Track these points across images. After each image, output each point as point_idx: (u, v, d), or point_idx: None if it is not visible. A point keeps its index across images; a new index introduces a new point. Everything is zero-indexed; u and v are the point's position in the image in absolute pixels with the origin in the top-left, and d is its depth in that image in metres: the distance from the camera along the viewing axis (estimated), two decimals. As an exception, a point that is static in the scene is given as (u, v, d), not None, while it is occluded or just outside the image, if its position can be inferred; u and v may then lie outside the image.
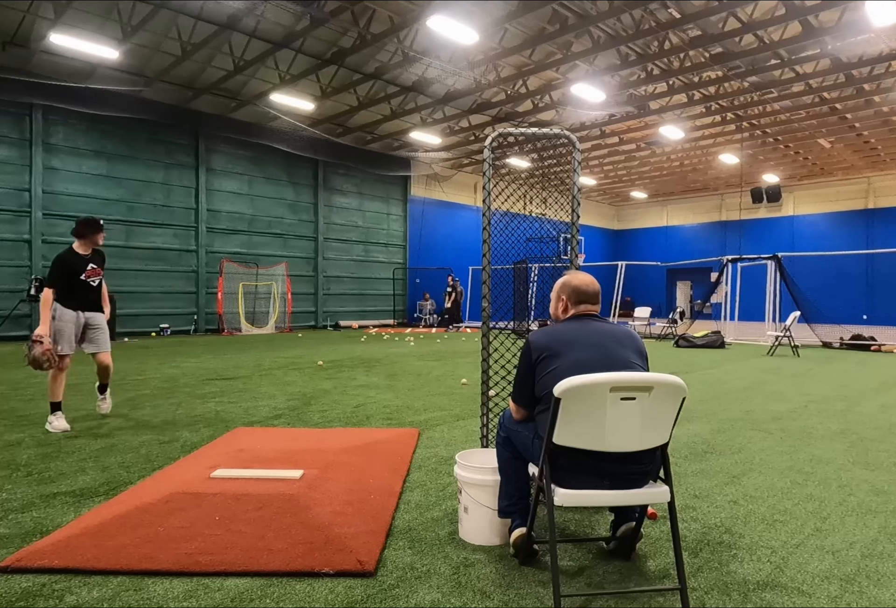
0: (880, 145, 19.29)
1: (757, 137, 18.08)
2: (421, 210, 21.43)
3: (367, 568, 2.27)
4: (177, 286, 15.47)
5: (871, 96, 14.41)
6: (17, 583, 2.17)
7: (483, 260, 3.62)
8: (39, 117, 13.16)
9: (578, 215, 3.61)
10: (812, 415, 5.47)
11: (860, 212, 23.33)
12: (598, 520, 2.88)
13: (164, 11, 11.23)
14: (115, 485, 3.27)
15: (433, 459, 3.85)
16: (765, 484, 3.43)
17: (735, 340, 14.59)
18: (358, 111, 15.96)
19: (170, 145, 15.35)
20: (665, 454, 2.17)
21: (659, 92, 14.53)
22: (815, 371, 8.92)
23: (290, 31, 12.13)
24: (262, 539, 2.51)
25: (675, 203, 28.86)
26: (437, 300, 20.80)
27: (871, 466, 3.80)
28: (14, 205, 12.96)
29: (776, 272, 14.50)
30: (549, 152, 5.30)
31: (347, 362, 9.23)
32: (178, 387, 6.66)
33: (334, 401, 5.86)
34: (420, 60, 12.94)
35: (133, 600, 2.06)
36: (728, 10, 10.50)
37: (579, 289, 2.43)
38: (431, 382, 7.23)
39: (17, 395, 6.03)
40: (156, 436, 4.39)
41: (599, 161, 21.24)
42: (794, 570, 2.34)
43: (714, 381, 7.68)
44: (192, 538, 2.50)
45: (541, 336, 2.33)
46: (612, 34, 11.61)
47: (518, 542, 2.38)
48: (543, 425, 2.14)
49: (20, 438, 4.28)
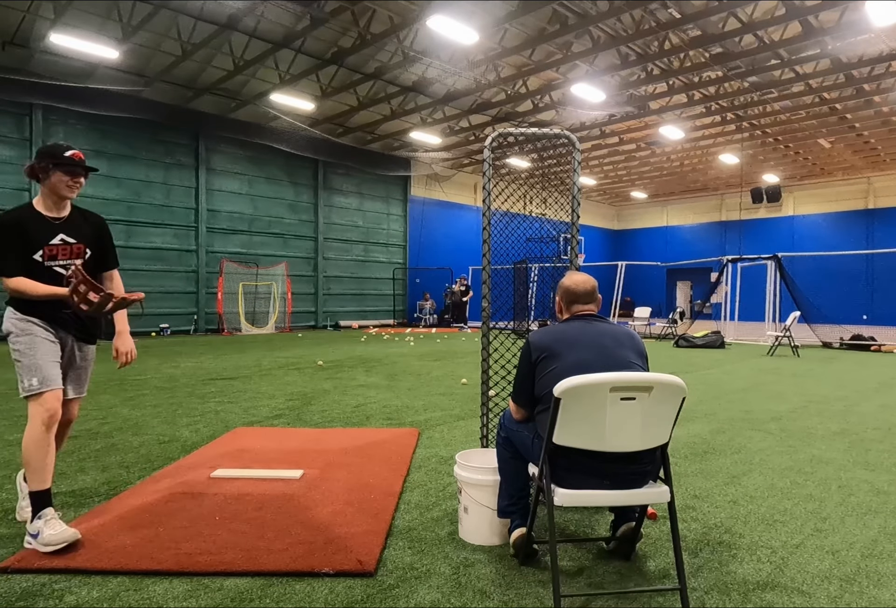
0: (880, 145, 19.29)
1: (757, 137, 18.08)
2: (421, 210, 21.43)
3: (367, 568, 2.27)
4: (177, 286, 15.47)
5: (871, 96, 14.41)
6: (17, 583, 2.17)
7: (483, 260, 3.62)
8: (39, 117, 13.16)
9: (578, 215, 3.61)
10: (812, 415, 5.47)
11: (860, 212, 23.33)
12: (598, 520, 2.88)
13: (164, 11, 11.23)
14: (115, 485, 3.27)
15: (433, 459, 3.85)
16: (765, 484, 3.43)
17: (735, 340, 14.59)
18: (358, 111, 15.97)
19: (170, 145, 15.35)
20: (665, 454, 2.17)
21: (659, 92, 14.53)
22: (815, 371, 8.92)
23: (290, 31, 12.13)
24: (262, 539, 2.51)
25: (675, 203, 28.86)
26: (438, 300, 20.80)
27: (871, 466, 3.80)
28: (14, 205, 12.92)
29: (776, 272, 14.50)
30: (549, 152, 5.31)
31: (347, 362, 9.23)
32: (177, 387, 6.66)
33: (334, 401, 5.86)
34: (420, 60, 12.94)
35: (133, 600, 2.06)
36: (728, 10, 10.50)
37: (570, 289, 2.45)
38: (431, 382, 7.23)
39: (16, 395, 6.02)
40: (156, 436, 4.39)
41: (599, 161, 21.25)
42: (794, 570, 2.34)
43: (714, 381, 7.67)
44: (192, 538, 2.50)
45: (541, 336, 2.34)
46: (612, 34, 11.61)
47: (518, 542, 2.38)
48: (543, 425, 2.14)
49: (20, 438, 4.27)
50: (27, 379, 2.53)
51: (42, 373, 2.54)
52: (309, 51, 12.99)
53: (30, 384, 2.52)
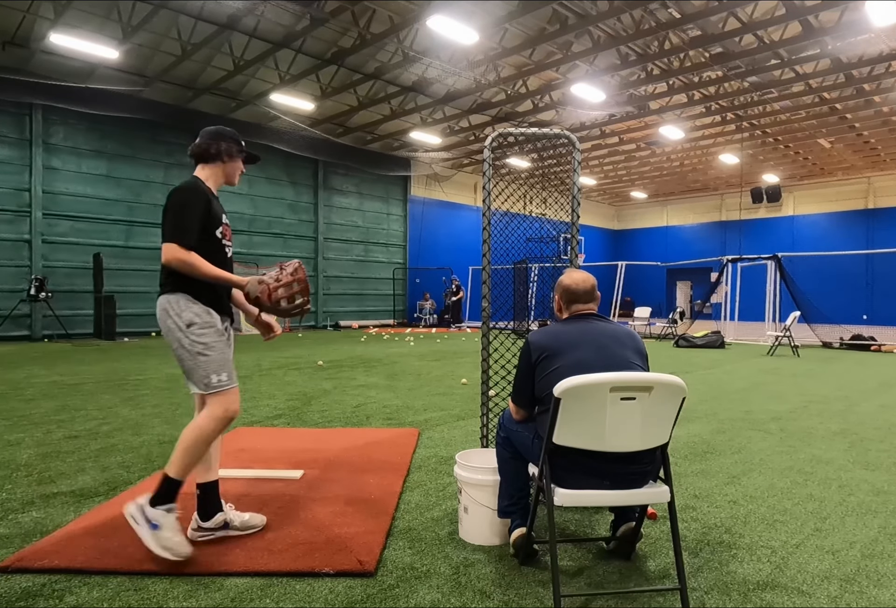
0: (880, 145, 19.29)
1: (757, 137, 18.08)
2: (421, 210, 21.43)
3: (367, 568, 2.27)
4: (177, 286, 15.45)
5: (871, 96, 14.40)
6: (17, 583, 2.17)
7: (483, 260, 3.62)
8: (39, 117, 13.15)
9: (578, 215, 3.61)
10: (812, 415, 5.47)
11: (860, 212, 23.33)
12: (598, 520, 2.88)
13: (164, 11, 11.22)
14: (115, 485, 3.27)
15: (433, 459, 3.85)
16: (765, 484, 3.43)
17: (735, 340, 14.59)
18: (358, 111, 15.96)
19: (170, 145, 15.34)
20: (665, 454, 2.17)
21: (659, 92, 14.52)
22: (815, 371, 8.92)
23: (290, 31, 12.13)
24: (262, 539, 2.52)
25: (675, 203, 28.86)
26: (438, 300, 20.80)
27: (871, 466, 3.80)
28: (14, 205, 12.95)
29: (776, 272, 14.50)
30: (549, 152, 5.31)
31: (347, 362, 9.23)
32: (178, 387, 6.66)
33: (334, 401, 5.86)
34: (420, 60, 12.94)
35: (133, 600, 2.06)
36: (728, 10, 10.49)
37: (569, 288, 2.42)
38: (431, 382, 7.23)
39: (16, 395, 6.03)
40: (156, 436, 4.39)
41: (599, 161, 21.24)
42: (794, 570, 2.34)
43: (714, 381, 7.67)
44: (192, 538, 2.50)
45: (541, 336, 2.33)
46: (612, 34, 11.60)
47: (518, 542, 2.38)
48: (543, 425, 2.14)
49: (20, 438, 4.28)
50: (216, 374, 2.43)
51: (229, 368, 2.49)
52: (309, 51, 12.99)
53: (219, 379, 2.44)
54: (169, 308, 2.43)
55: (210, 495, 2.52)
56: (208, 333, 2.45)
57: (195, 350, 2.42)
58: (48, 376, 7.35)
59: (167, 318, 2.44)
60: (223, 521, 2.50)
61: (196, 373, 2.42)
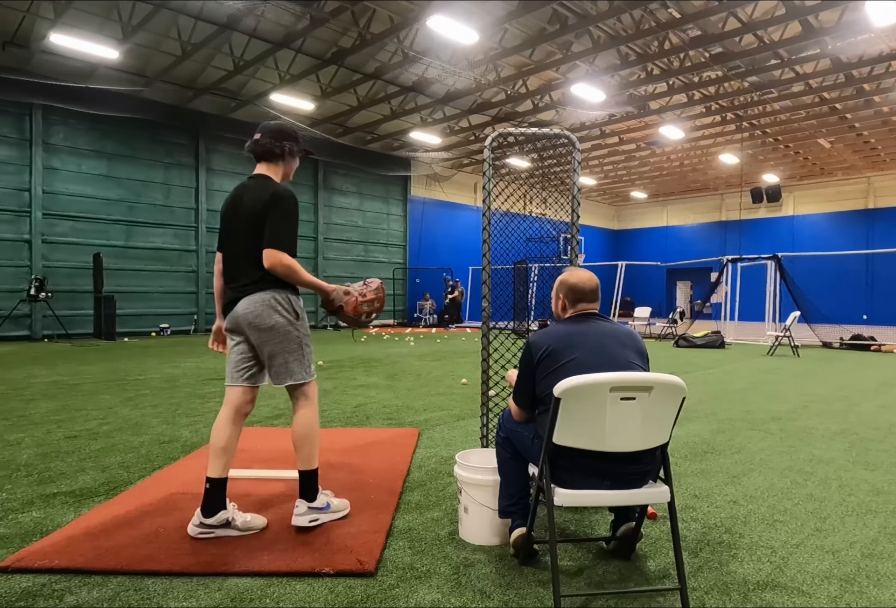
0: (880, 145, 19.29)
1: (757, 137, 18.09)
2: (421, 210, 21.43)
3: (367, 568, 2.27)
4: (177, 286, 15.46)
5: (871, 96, 14.41)
6: (17, 583, 2.16)
7: (483, 260, 3.62)
8: (39, 117, 13.16)
9: (578, 215, 3.61)
10: (812, 415, 5.47)
11: (860, 212, 23.33)
12: (598, 520, 2.88)
13: (164, 11, 11.23)
14: (115, 485, 3.27)
15: (433, 459, 3.85)
16: (765, 484, 3.43)
17: (735, 340, 14.59)
18: (358, 111, 15.96)
19: (170, 145, 15.35)
20: (665, 454, 2.17)
21: (659, 92, 14.53)
22: (815, 371, 8.92)
23: (290, 31, 12.13)
24: (262, 539, 2.52)
25: (675, 203, 28.86)
26: (437, 300, 20.80)
27: (871, 466, 3.80)
28: (14, 205, 12.95)
29: (776, 272, 14.50)
30: (549, 152, 5.31)
31: (347, 362, 9.23)
32: (178, 387, 6.66)
33: (334, 401, 5.86)
34: (420, 60, 12.94)
35: (133, 600, 2.05)
36: (728, 10, 10.50)
37: (576, 287, 2.39)
38: (431, 382, 7.23)
39: (17, 395, 6.03)
40: (156, 436, 4.39)
41: (599, 161, 21.25)
42: (794, 570, 2.34)
43: (714, 381, 7.67)
44: (193, 538, 2.50)
45: (541, 336, 2.32)
46: (612, 34, 11.61)
47: (518, 542, 2.38)
48: (543, 425, 2.14)
49: (20, 438, 4.28)
50: (311, 365, 2.67)
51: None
52: (309, 51, 13.00)
53: (312, 370, 2.68)
54: (276, 304, 2.52)
55: (217, 491, 2.55)
56: (307, 327, 2.65)
57: (304, 341, 2.60)
58: (48, 376, 7.35)
59: (274, 313, 2.51)
60: (225, 520, 2.52)
61: (301, 363, 2.60)
